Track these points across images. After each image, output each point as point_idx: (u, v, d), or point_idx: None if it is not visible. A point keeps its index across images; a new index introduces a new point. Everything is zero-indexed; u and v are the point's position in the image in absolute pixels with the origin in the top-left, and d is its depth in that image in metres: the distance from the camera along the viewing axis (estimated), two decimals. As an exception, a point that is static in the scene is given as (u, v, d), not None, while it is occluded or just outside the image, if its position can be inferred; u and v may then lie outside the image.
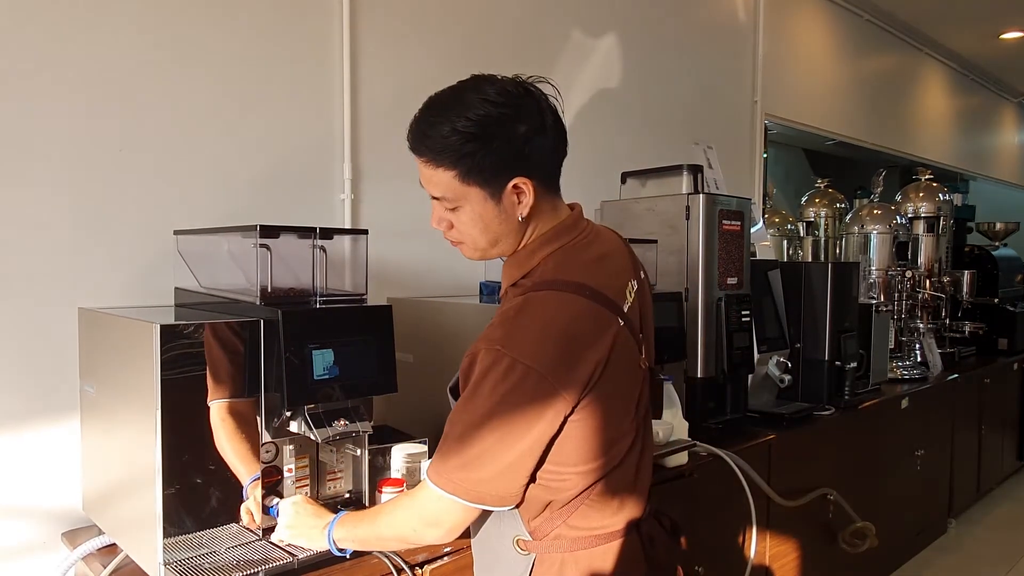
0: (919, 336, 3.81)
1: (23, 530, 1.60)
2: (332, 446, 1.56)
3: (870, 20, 4.81)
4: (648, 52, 3.17)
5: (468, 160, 1.09)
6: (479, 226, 1.15)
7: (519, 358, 1.04)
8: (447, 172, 1.11)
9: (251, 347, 1.34)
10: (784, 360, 2.62)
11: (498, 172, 1.10)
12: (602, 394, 1.10)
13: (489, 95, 1.10)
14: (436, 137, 1.10)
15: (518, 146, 1.10)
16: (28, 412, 1.60)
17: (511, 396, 1.05)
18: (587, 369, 1.07)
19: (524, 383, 1.04)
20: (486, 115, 1.09)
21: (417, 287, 2.29)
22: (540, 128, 1.12)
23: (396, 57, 2.25)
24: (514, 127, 1.09)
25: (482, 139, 1.08)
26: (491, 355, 1.06)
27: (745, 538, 2.20)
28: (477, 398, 1.07)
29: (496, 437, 1.05)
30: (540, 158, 1.13)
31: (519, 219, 1.14)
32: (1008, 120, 7.40)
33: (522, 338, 1.06)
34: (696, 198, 2.27)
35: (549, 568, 1.16)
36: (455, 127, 1.09)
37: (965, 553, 3.68)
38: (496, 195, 1.12)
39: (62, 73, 1.63)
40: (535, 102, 1.13)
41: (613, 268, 1.21)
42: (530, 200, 1.13)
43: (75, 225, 1.66)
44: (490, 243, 1.17)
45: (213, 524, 1.33)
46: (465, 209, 1.14)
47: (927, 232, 4.17)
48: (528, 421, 1.05)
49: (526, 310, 1.09)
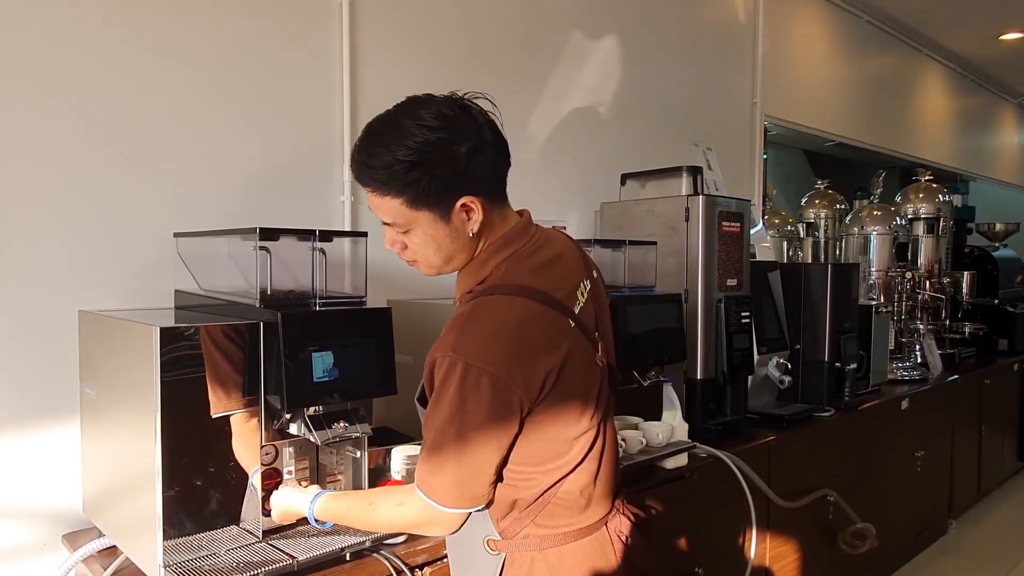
0: (919, 337, 3.81)
1: (24, 532, 1.60)
2: (332, 448, 1.56)
3: (870, 21, 4.81)
4: (648, 54, 3.17)
5: (413, 187, 1.10)
6: (431, 246, 1.17)
7: (473, 362, 1.07)
8: (394, 200, 1.12)
9: (251, 349, 1.34)
10: (784, 361, 2.62)
11: (443, 195, 1.12)
12: (559, 396, 1.13)
13: (425, 120, 1.10)
14: (379, 168, 1.11)
15: (460, 167, 1.11)
16: (29, 414, 1.60)
17: (470, 401, 1.08)
18: (541, 373, 1.10)
19: (479, 386, 1.07)
20: (424, 141, 1.09)
21: (416, 289, 2.29)
22: (479, 145, 1.13)
23: (396, 59, 2.25)
24: (454, 149, 1.10)
25: (423, 166, 1.09)
26: (446, 361, 1.09)
27: (745, 539, 2.20)
28: (440, 406, 1.10)
29: (462, 441, 1.09)
30: (484, 174, 1.15)
31: (470, 235, 1.17)
32: (1008, 121, 7.40)
33: (474, 342, 1.09)
34: (696, 199, 2.27)
35: (520, 567, 1.19)
36: (396, 156, 1.09)
37: (965, 554, 3.68)
38: (445, 216, 1.14)
39: (61, 76, 1.64)
40: (472, 120, 1.14)
41: (564, 270, 1.23)
42: (479, 216, 1.15)
43: (75, 227, 1.66)
44: (444, 261, 1.20)
45: (213, 526, 1.33)
46: (416, 231, 1.16)
47: (927, 233, 4.17)
48: (489, 423, 1.09)
49: (475, 315, 1.12)
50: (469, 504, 1.14)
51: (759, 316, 2.56)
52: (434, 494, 1.13)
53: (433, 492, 1.13)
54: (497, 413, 1.09)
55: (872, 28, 4.88)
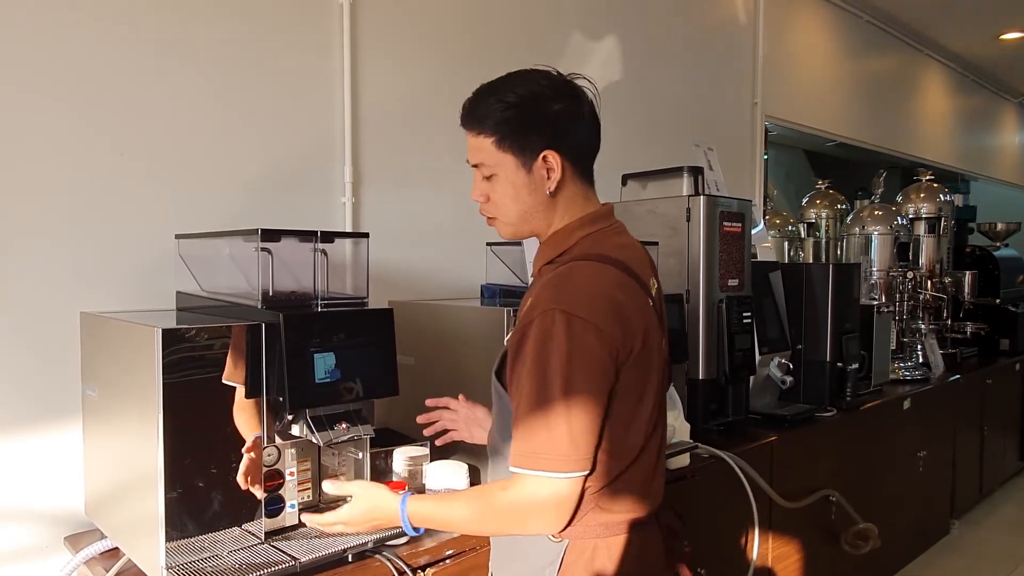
0: (921, 337, 3.81)
1: (26, 534, 1.60)
2: (334, 449, 1.56)
3: (870, 21, 4.81)
4: (648, 54, 3.17)
5: (504, 127, 1.18)
6: (510, 194, 1.21)
7: (577, 314, 1.09)
8: (486, 139, 1.20)
9: (253, 350, 1.34)
10: (786, 361, 2.62)
11: (530, 141, 1.18)
12: (636, 367, 1.14)
13: (534, 78, 1.20)
14: (481, 107, 1.20)
15: (551, 120, 1.18)
16: (30, 416, 1.60)
17: (577, 352, 1.08)
18: (631, 336, 1.13)
19: (586, 338, 1.08)
20: (527, 91, 1.19)
21: (418, 290, 2.29)
22: (577, 113, 1.20)
23: (397, 60, 2.26)
24: (550, 104, 1.18)
25: (519, 108, 1.18)
26: (550, 316, 1.09)
27: (747, 540, 2.20)
28: (541, 362, 1.09)
29: (570, 395, 1.08)
30: (573, 140, 1.21)
31: (547, 193, 1.21)
32: (1008, 120, 7.40)
33: (576, 297, 1.11)
34: (697, 200, 2.27)
35: (581, 554, 1.17)
36: (499, 98, 1.19)
37: (968, 554, 3.67)
38: (527, 164, 1.19)
39: (62, 77, 1.64)
40: (575, 90, 1.22)
41: (640, 259, 1.28)
42: (558, 175, 1.19)
43: (76, 229, 1.66)
44: (520, 216, 1.23)
45: (215, 528, 1.33)
46: (499, 177, 1.21)
47: (928, 233, 4.17)
48: (598, 376, 1.10)
49: (572, 275, 1.15)
50: (584, 466, 1.10)
51: (760, 316, 2.56)
52: (546, 462, 1.08)
53: (544, 460, 1.08)
54: (603, 366, 1.10)
55: (872, 28, 4.88)
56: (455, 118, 1.26)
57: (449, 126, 2.36)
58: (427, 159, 2.31)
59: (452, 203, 2.38)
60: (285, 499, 1.47)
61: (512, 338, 1.15)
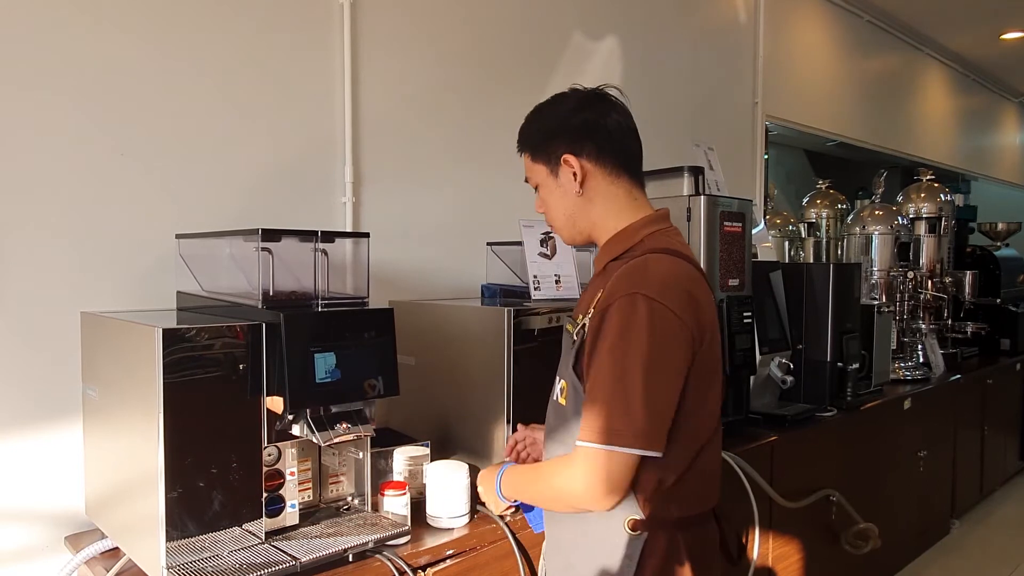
0: (921, 337, 3.81)
1: (26, 534, 1.60)
2: (335, 449, 1.57)
3: (871, 21, 4.81)
4: (649, 54, 3.17)
5: (531, 140, 1.28)
6: (551, 202, 1.30)
7: (657, 299, 1.12)
8: (527, 156, 1.30)
9: (253, 350, 1.34)
10: (786, 361, 2.62)
11: (551, 148, 1.25)
12: (704, 360, 1.18)
13: (560, 95, 1.28)
14: (521, 130, 1.32)
15: (569, 127, 1.24)
16: (31, 416, 1.60)
17: (658, 335, 1.11)
18: (704, 327, 1.17)
19: (667, 322, 1.12)
20: (548, 107, 1.28)
21: (419, 290, 2.29)
22: (600, 113, 1.25)
23: (397, 59, 2.25)
24: (569, 113, 1.25)
25: (539, 122, 1.28)
26: (629, 301, 1.12)
27: (748, 539, 2.20)
28: (622, 343, 1.11)
29: (650, 375, 1.10)
30: (596, 143, 1.25)
31: (575, 195, 1.26)
32: (1009, 120, 7.39)
33: (655, 284, 1.14)
34: (697, 200, 2.26)
35: (659, 547, 1.19)
36: (528, 119, 1.30)
37: (968, 554, 3.67)
38: (554, 170, 1.26)
39: (63, 78, 1.64)
40: (601, 97, 1.27)
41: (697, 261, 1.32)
42: (580, 176, 1.24)
43: (77, 229, 1.66)
44: (565, 219, 1.29)
45: (216, 527, 1.33)
46: (542, 189, 1.30)
47: (929, 233, 4.16)
48: (677, 360, 1.13)
49: (648, 265, 1.18)
50: (658, 447, 1.12)
51: (761, 316, 2.56)
52: (622, 438, 1.09)
53: (621, 436, 1.09)
54: (681, 351, 1.14)
55: (873, 28, 4.88)
56: (456, 118, 1.27)
57: (449, 126, 2.37)
58: (428, 159, 2.31)
59: (453, 203, 2.38)
60: (285, 499, 1.47)
61: (591, 324, 1.17)
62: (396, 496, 1.52)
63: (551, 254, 2.07)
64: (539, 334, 1.75)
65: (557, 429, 1.29)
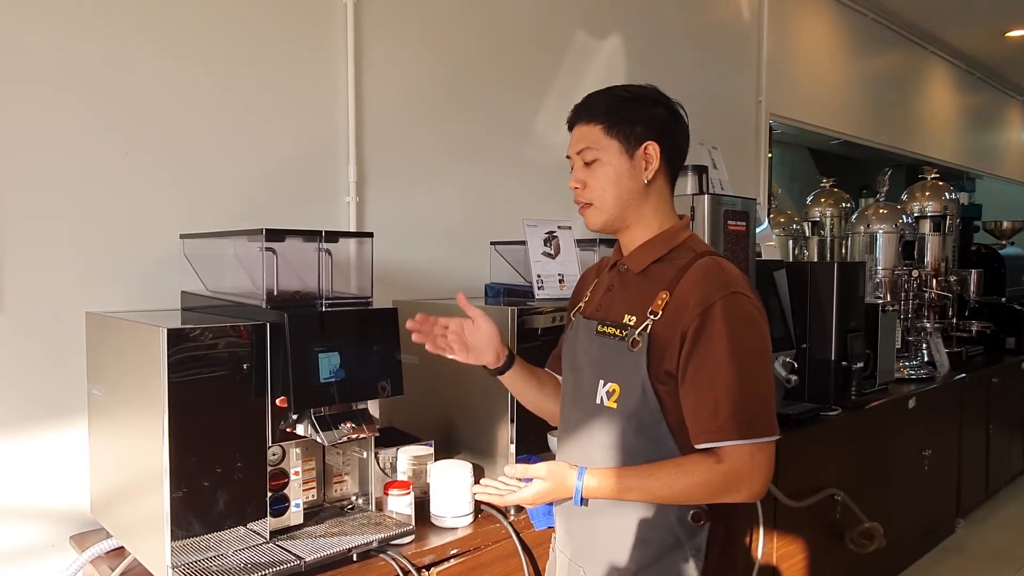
0: (926, 335, 3.80)
1: (31, 533, 1.61)
2: (339, 449, 1.57)
3: (875, 19, 4.80)
4: (652, 53, 3.17)
5: (616, 114, 1.28)
6: (611, 178, 1.28)
7: (752, 296, 1.21)
8: (596, 126, 1.29)
9: (257, 350, 1.35)
10: (790, 360, 2.62)
11: (635, 130, 1.27)
12: None
13: (644, 86, 1.32)
14: (595, 100, 1.31)
15: (656, 118, 1.29)
16: (36, 416, 1.61)
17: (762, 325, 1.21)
18: None
19: (760, 316, 1.21)
20: (639, 91, 1.30)
21: (422, 289, 2.29)
22: (678, 121, 1.32)
23: (401, 59, 2.25)
24: (657, 106, 1.30)
25: (629, 101, 1.29)
26: (733, 300, 1.18)
27: (752, 538, 2.20)
28: (745, 340, 1.18)
29: (763, 367, 1.20)
30: (672, 142, 1.30)
31: (644, 183, 1.28)
32: (1014, 118, 7.37)
33: (740, 284, 1.21)
34: (701, 199, 2.26)
35: (720, 536, 1.23)
36: (613, 93, 1.30)
37: (973, 554, 3.66)
38: (631, 151, 1.28)
39: (68, 78, 1.64)
40: (676, 106, 1.33)
41: None
42: (655, 166, 1.28)
43: (81, 229, 1.66)
44: (616, 201, 1.29)
45: (220, 527, 1.33)
46: (602, 162, 1.29)
47: (933, 231, 4.15)
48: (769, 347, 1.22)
49: (723, 266, 1.24)
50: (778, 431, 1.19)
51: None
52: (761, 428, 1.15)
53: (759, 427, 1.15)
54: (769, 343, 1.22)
55: (877, 26, 4.86)
56: (460, 117, 1.26)
57: (453, 125, 2.37)
58: (432, 158, 2.31)
59: (456, 202, 2.38)
60: (290, 498, 1.47)
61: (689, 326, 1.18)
62: (400, 495, 1.52)
63: (555, 253, 2.07)
64: (543, 333, 1.75)
65: (595, 432, 1.27)
